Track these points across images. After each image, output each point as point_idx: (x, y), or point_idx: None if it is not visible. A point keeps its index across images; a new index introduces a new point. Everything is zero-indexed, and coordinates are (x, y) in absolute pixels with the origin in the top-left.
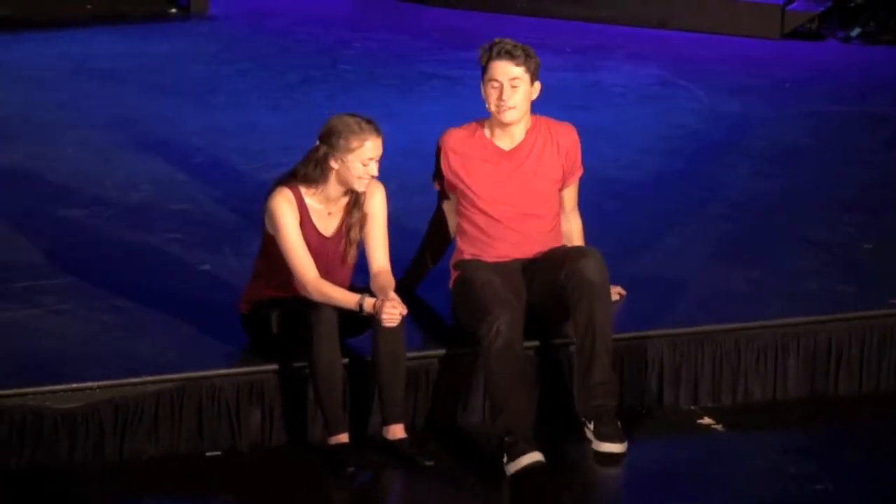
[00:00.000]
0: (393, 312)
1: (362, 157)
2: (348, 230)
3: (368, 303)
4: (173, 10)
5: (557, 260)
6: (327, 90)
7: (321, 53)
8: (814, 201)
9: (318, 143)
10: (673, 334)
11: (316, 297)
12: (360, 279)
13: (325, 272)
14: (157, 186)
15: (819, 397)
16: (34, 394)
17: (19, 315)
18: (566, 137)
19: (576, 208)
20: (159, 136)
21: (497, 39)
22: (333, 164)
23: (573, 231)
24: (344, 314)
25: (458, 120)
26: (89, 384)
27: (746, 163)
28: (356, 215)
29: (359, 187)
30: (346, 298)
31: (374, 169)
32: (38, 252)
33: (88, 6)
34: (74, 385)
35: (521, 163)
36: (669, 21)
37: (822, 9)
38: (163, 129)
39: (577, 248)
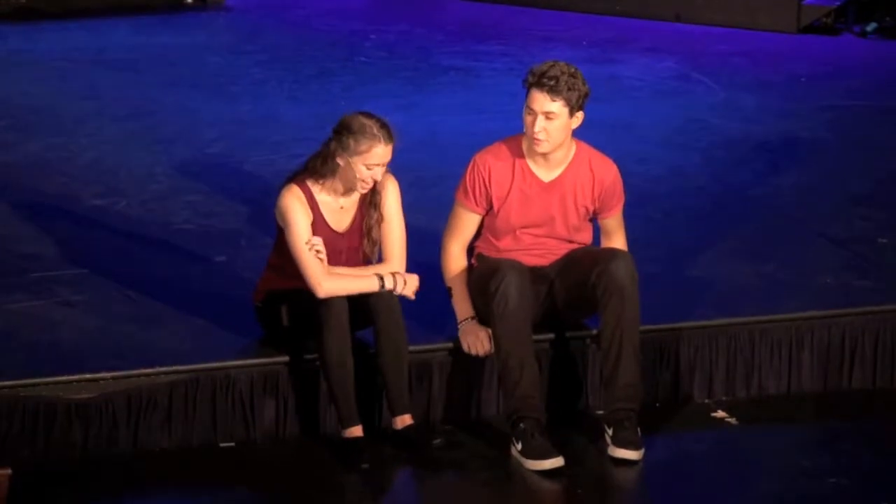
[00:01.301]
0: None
1: (367, 162)
2: (369, 231)
3: (389, 279)
4: (190, 1)
5: (589, 259)
6: (344, 82)
7: (338, 45)
8: (829, 196)
9: (331, 136)
10: (687, 328)
11: (330, 293)
12: None
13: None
14: (173, 177)
15: (833, 391)
16: (48, 384)
17: (34, 306)
18: (604, 174)
19: (623, 241)
20: (176, 127)
21: (547, 64)
22: (339, 161)
23: None
24: (358, 307)
25: (473, 112)
26: (103, 375)
27: (762, 157)
28: (374, 215)
29: (359, 189)
30: (363, 282)
31: (378, 174)
32: (53, 243)
33: None
34: (88, 376)
35: (559, 195)
36: (686, 15)
37: (838, 3)
38: (179, 120)
39: (609, 250)
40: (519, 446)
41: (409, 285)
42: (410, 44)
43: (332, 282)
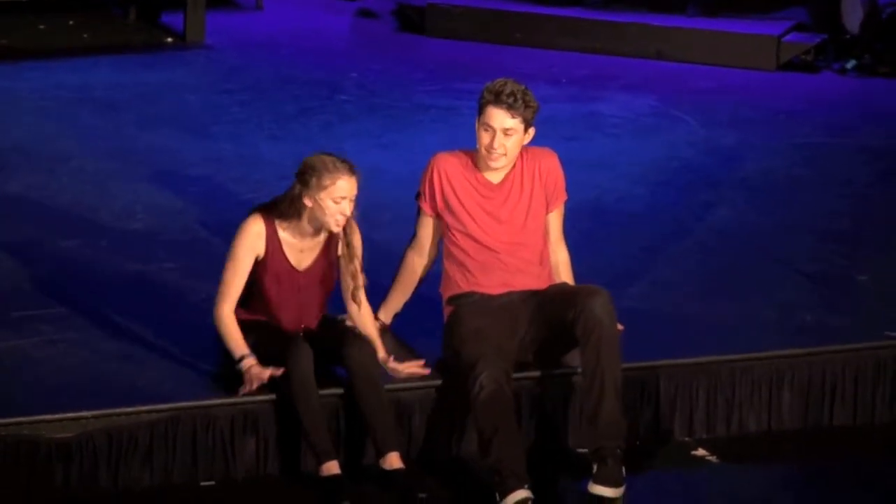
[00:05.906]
0: (252, 383)
1: (334, 196)
2: (353, 274)
3: (246, 363)
4: (169, 40)
5: (566, 297)
6: (325, 120)
7: (319, 84)
8: (808, 233)
9: (294, 181)
10: (667, 366)
11: (217, 323)
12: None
13: (297, 306)
14: (154, 216)
15: (813, 429)
16: (29, 423)
17: (16, 344)
18: (546, 162)
19: (562, 239)
20: (156, 165)
21: (501, 83)
22: (307, 202)
23: (560, 263)
24: (326, 347)
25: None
26: (84, 413)
27: (741, 194)
28: (347, 252)
29: (333, 227)
30: (235, 348)
31: (346, 208)
32: (35, 281)
33: (85, 36)
34: (69, 414)
35: (509, 194)
36: (666, 52)
37: (817, 41)
38: (160, 159)
39: (586, 288)
40: (497, 497)
41: (252, 379)
42: (391, 82)
43: (228, 319)
